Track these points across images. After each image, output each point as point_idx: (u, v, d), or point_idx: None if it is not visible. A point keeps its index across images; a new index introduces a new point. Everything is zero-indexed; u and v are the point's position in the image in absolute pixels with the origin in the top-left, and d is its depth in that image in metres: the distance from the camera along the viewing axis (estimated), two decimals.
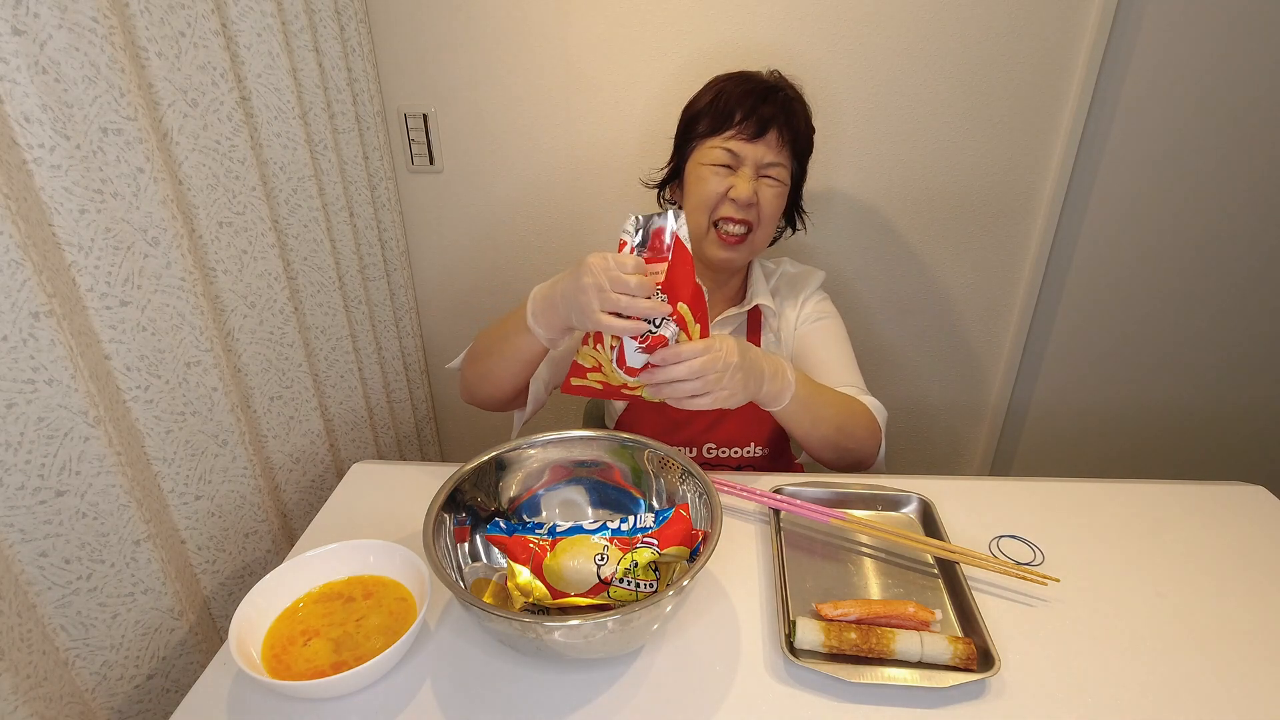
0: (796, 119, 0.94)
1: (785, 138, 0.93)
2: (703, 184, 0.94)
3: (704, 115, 0.95)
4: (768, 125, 0.91)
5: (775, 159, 0.93)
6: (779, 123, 0.92)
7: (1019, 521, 0.84)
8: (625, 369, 0.72)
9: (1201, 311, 1.43)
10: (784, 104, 0.93)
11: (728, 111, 0.93)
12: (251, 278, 0.98)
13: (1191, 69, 1.21)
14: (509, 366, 0.86)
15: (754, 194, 0.92)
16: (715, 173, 0.94)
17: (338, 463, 1.22)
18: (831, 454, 0.92)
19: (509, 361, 0.86)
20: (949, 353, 1.50)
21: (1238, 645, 0.67)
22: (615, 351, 0.72)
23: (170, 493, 0.85)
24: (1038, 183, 1.31)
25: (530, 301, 0.79)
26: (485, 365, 0.89)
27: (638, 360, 0.72)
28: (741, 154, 0.92)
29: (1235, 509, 0.86)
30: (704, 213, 0.95)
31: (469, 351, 0.94)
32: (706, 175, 0.94)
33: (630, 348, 0.71)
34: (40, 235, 0.67)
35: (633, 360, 0.71)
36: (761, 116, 0.91)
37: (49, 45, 0.67)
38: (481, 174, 1.38)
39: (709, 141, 0.94)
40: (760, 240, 0.97)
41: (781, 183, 0.95)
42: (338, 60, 1.15)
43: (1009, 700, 0.62)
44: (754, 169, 0.93)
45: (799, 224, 1.09)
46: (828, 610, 0.69)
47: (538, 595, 0.67)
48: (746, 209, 0.93)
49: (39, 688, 0.65)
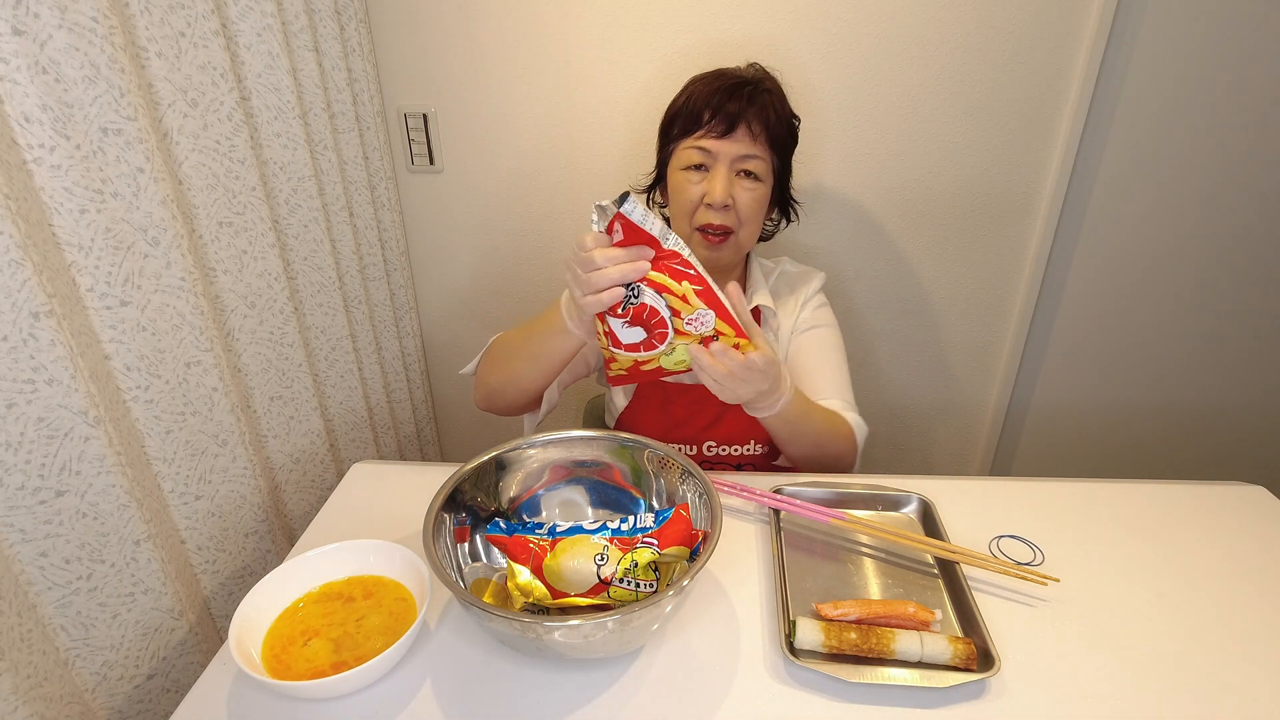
0: (769, 110, 0.93)
1: (757, 130, 0.92)
2: (680, 192, 0.96)
3: (677, 118, 0.96)
4: (736, 120, 0.91)
5: (749, 152, 0.92)
6: (749, 116, 0.92)
7: (1019, 521, 0.84)
8: (624, 346, 0.73)
9: (1201, 311, 1.43)
10: (753, 96, 0.92)
11: (697, 111, 0.93)
12: (251, 278, 0.98)
13: (1191, 69, 1.21)
14: (541, 369, 0.87)
15: (728, 195, 0.92)
16: (689, 178, 0.94)
17: (338, 463, 1.22)
18: (804, 462, 0.95)
19: (541, 364, 0.87)
20: (949, 353, 1.50)
21: (1238, 645, 0.67)
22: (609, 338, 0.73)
23: (170, 493, 0.85)
24: (1038, 183, 1.31)
25: (564, 302, 0.81)
26: (512, 370, 0.90)
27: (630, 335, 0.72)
28: (714, 151, 0.93)
29: (1235, 509, 0.86)
30: (685, 220, 0.97)
31: (488, 358, 0.94)
32: (683, 182, 0.95)
33: (618, 325, 0.71)
34: (40, 235, 0.67)
35: (625, 336, 0.72)
36: (729, 112, 0.91)
37: (49, 45, 0.67)
38: (481, 174, 1.38)
39: (683, 143, 0.95)
40: (745, 238, 0.97)
41: (760, 177, 0.95)
42: (338, 60, 1.15)
43: (1009, 700, 0.62)
44: (728, 166, 0.93)
45: (793, 215, 1.09)
46: (828, 610, 0.69)
47: (538, 595, 0.67)
48: (724, 213, 0.93)
49: (39, 688, 0.65)
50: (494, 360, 0.93)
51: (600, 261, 0.68)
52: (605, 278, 0.68)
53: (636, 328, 0.71)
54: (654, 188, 1.08)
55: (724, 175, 0.92)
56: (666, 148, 0.99)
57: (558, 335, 0.82)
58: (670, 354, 0.74)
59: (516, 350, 0.90)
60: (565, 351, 0.85)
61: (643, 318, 0.70)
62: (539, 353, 0.86)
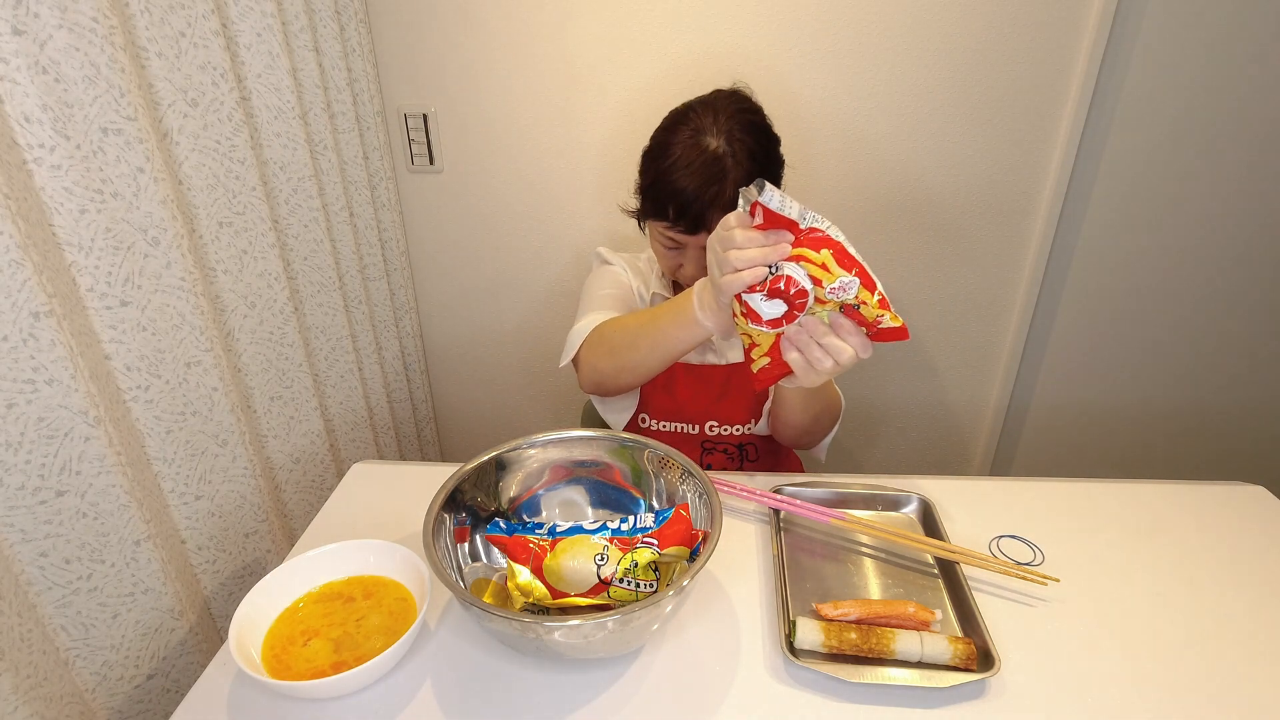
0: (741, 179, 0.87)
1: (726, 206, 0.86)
2: (656, 250, 0.98)
3: (645, 197, 0.93)
4: (702, 219, 0.87)
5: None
6: (716, 209, 0.86)
7: (1019, 521, 0.84)
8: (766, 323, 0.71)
9: (1201, 312, 1.43)
10: (718, 181, 0.86)
11: (662, 204, 0.89)
12: (251, 278, 0.98)
13: (1191, 69, 1.21)
14: (661, 358, 0.86)
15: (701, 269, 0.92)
16: (664, 244, 0.95)
17: (338, 463, 1.22)
18: (792, 434, 0.97)
19: (661, 353, 0.86)
20: (949, 353, 1.50)
21: (1238, 645, 0.67)
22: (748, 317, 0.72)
23: (170, 493, 0.85)
24: (1037, 183, 1.31)
25: (696, 294, 0.79)
26: (632, 358, 0.88)
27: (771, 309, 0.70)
28: (683, 243, 0.92)
29: (1235, 509, 0.86)
30: (666, 269, 1.00)
31: (596, 344, 0.92)
32: (656, 244, 0.96)
33: (757, 300, 0.70)
34: (40, 235, 0.67)
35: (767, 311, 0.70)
36: (695, 212, 0.87)
37: (49, 45, 0.67)
38: (481, 174, 1.38)
39: (650, 221, 0.94)
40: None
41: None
42: (338, 60, 1.15)
43: (1009, 700, 0.62)
44: (699, 250, 0.91)
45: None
46: (828, 610, 0.69)
47: (538, 595, 0.67)
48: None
49: (39, 688, 0.65)
50: (607, 347, 0.91)
51: (741, 241, 0.68)
52: (745, 258, 0.68)
53: (777, 300, 0.70)
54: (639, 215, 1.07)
55: (696, 259, 0.93)
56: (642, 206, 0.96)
57: (686, 326, 0.80)
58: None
59: (635, 338, 0.88)
60: (689, 343, 0.83)
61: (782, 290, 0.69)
62: (661, 342, 0.84)
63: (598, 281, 1.06)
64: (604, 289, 1.03)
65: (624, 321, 0.91)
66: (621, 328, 0.90)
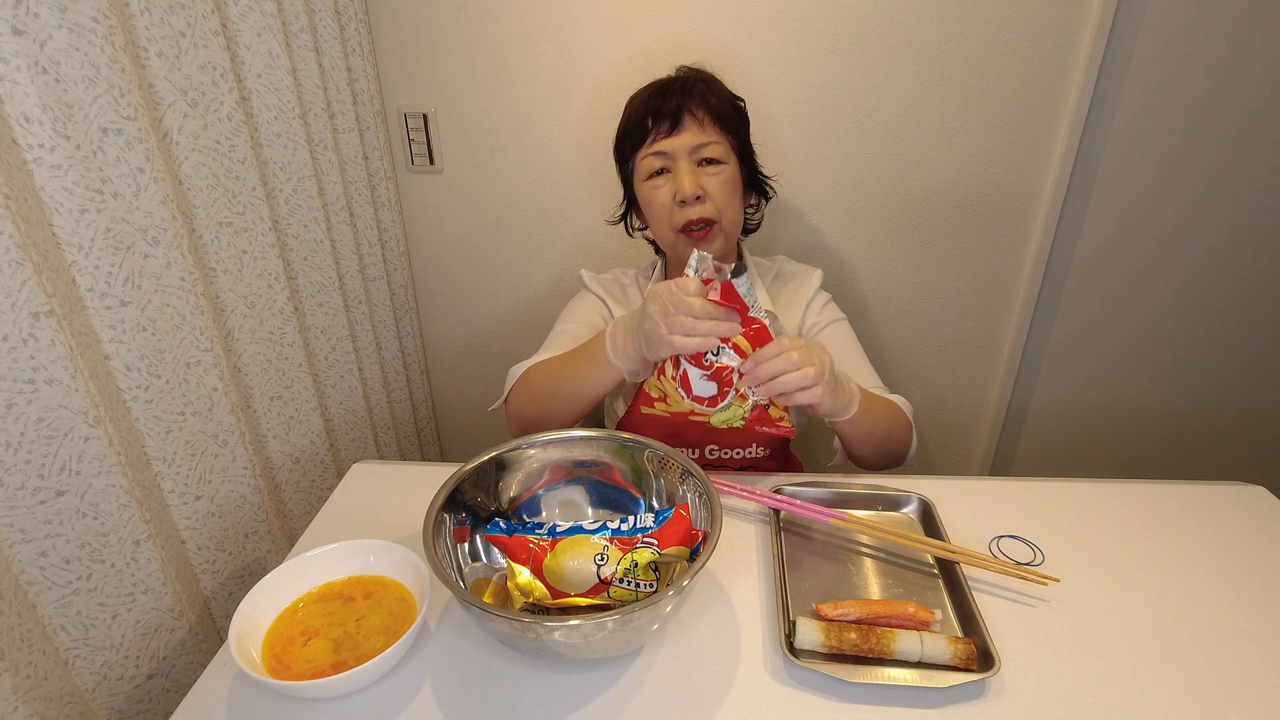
0: (708, 96, 0.95)
1: (702, 115, 0.94)
2: (652, 202, 0.98)
3: (626, 136, 0.99)
4: (679, 115, 0.94)
5: (702, 140, 0.94)
6: (690, 106, 0.94)
7: (1019, 521, 0.83)
8: (693, 397, 0.78)
9: (1202, 312, 1.43)
10: (686, 88, 0.95)
11: (640, 121, 0.96)
12: (251, 278, 0.98)
13: (1192, 68, 1.21)
14: (581, 402, 0.88)
15: (697, 185, 0.93)
16: (655, 185, 0.96)
17: (338, 463, 1.22)
18: (877, 456, 0.95)
19: (581, 398, 0.88)
20: (949, 353, 1.50)
21: (1238, 645, 0.67)
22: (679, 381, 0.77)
23: (170, 493, 0.85)
24: (1038, 183, 1.31)
25: (609, 336, 0.83)
26: (551, 405, 0.90)
27: (705, 389, 0.77)
28: (669, 150, 0.94)
29: (1235, 509, 0.86)
30: (666, 226, 0.98)
31: (525, 393, 0.93)
32: (650, 191, 0.97)
33: (695, 376, 0.76)
34: (40, 235, 0.67)
35: (700, 389, 0.77)
36: (670, 110, 0.94)
37: (49, 45, 0.67)
38: (481, 174, 1.38)
39: (639, 155, 0.97)
40: (729, 225, 0.98)
41: (723, 161, 0.96)
42: (338, 60, 1.15)
43: (1009, 700, 0.62)
44: (688, 159, 0.94)
45: (769, 191, 1.10)
46: (828, 610, 0.69)
47: (538, 595, 0.67)
48: (699, 205, 0.94)
49: (39, 688, 0.65)
50: (533, 396, 0.92)
51: (699, 311, 0.72)
52: (701, 328, 0.72)
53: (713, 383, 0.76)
54: (627, 215, 1.11)
55: (687, 168, 0.94)
56: (626, 167, 1.02)
57: (599, 370, 0.84)
58: (723, 411, 0.80)
59: (553, 383, 0.90)
60: (604, 385, 0.86)
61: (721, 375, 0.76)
62: (577, 389, 0.87)
63: (566, 314, 1.08)
64: (567, 324, 1.04)
65: (546, 368, 0.92)
66: (543, 373, 0.92)
